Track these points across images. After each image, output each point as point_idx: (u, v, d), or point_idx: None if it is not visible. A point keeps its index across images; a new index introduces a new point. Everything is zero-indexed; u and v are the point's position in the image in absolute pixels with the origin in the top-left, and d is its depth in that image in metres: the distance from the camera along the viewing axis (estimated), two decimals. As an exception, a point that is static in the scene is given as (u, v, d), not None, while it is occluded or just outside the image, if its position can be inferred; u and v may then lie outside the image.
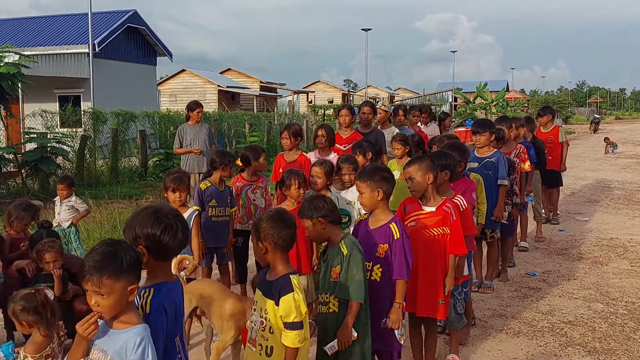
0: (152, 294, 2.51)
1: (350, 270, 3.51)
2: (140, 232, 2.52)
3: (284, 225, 3.13)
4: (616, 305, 6.01)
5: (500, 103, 39.81)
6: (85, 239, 8.62)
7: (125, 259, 2.34)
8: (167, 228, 2.54)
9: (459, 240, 4.11)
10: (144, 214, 2.59)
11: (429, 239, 4.12)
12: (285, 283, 3.05)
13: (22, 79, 12.57)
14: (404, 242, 3.74)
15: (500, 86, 56.53)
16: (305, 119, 28.83)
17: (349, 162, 5.34)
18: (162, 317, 2.49)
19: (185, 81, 45.29)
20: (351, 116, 7.29)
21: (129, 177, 15.43)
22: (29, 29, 26.95)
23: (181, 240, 2.59)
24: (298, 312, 3.01)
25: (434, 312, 4.18)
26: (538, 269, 7.26)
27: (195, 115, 9.38)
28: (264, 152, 6.14)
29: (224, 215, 5.73)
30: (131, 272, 2.35)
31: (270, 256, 3.13)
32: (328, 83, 72.55)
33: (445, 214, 4.10)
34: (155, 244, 2.52)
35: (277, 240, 3.09)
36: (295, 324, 3.00)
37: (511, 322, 5.56)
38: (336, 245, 3.59)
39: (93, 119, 15.85)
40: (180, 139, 9.40)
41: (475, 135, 6.24)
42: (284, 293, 3.02)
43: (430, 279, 4.13)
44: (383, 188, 3.81)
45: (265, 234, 3.09)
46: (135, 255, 2.42)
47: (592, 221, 10.10)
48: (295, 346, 3.02)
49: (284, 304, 3.01)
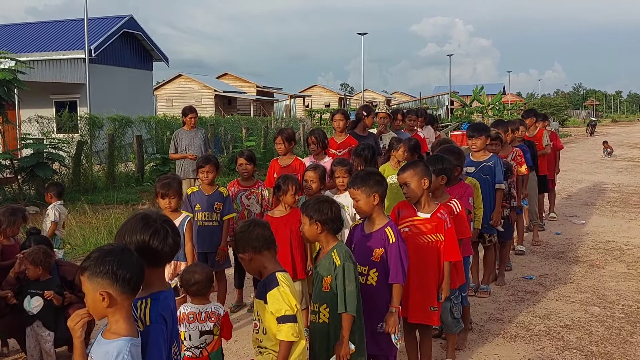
0: (149, 304, 2.48)
1: (342, 281, 3.43)
2: (129, 239, 2.51)
3: (254, 226, 3.20)
4: (613, 309, 6.00)
5: (496, 106, 39.93)
6: (81, 244, 8.61)
7: (111, 263, 2.28)
8: (155, 233, 2.53)
9: (453, 247, 4.09)
10: (132, 221, 2.58)
11: (422, 245, 4.11)
12: (271, 279, 3.10)
13: (18, 84, 12.57)
14: (399, 246, 3.73)
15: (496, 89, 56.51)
16: (302, 123, 28.83)
17: (342, 165, 5.35)
18: (162, 327, 2.46)
19: (182, 86, 45.31)
20: (345, 121, 7.28)
21: (125, 183, 15.41)
22: (25, 35, 26.92)
23: (171, 245, 2.57)
24: (287, 305, 3.02)
25: (426, 319, 4.17)
26: (535, 272, 7.26)
27: (189, 121, 9.39)
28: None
29: (211, 220, 5.66)
30: (107, 277, 2.27)
31: (257, 262, 3.18)
32: (325, 87, 72.55)
33: (440, 221, 4.09)
34: (145, 250, 2.50)
35: (253, 243, 3.14)
36: (287, 317, 3.01)
37: (508, 326, 5.55)
38: (328, 255, 3.54)
39: (89, 124, 15.84)
40: (176, 144, 9.40)
41: (471, 139, 6.23)
42: (269, 289, 3.06)
43: (423, 285, 4.12)
44: (378, 192, 3.80)
45: (241, 243, 3.17)
46: (131, 265, 2.33)
47: (589, 224, 10.11)
48: (290, 339, 3.03)
49: (271, 299, 3.04)
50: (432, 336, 4.63)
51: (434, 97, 63.41)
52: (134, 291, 2.34)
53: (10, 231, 5.03)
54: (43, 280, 4.62)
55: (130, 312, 2.36)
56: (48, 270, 4.64)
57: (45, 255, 4.63)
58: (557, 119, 47.91)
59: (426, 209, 4.14)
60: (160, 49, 30.08)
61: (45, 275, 4.63)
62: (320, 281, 3.53)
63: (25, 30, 27.98)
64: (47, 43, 25.81)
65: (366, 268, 3.79)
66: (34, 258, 4.56)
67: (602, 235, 9.24)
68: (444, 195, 4.63)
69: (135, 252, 2.39)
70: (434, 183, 4.45)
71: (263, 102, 49.02)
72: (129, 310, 2.35)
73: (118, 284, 2.27)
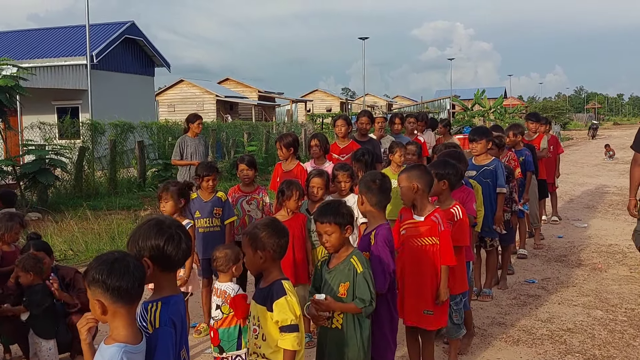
0: (159, 307, 2.50)
1: (361, 287, 3.43)
2: (143, 244, 2.53)
3: (282, 234, 3.17)
4: (615, 312, 5.99)
5: (498, 110, 39.95)
6: (83, 250, 8.62)
7: (101, 272, 2.30)
8: (170, 238, 2.55)
9: (447, 250, 4.07)
10: (146, 226, 2.60)
11: (417, 248, 4.11)
12: (278, 288, 3.07)
13: (20, 91, 12.61)
14: (379, 250, 3.68)
15: (498, 93, 56.60)
16: (303, 128, 28.87)
17: (344, 170, 5.40)
18: (170, 331, 2.47)
19: (184, 91, 45.41)
20: (347, 126, 7.31)
21: (127, 188, 15.43)
22: (27, 41, 27.02)
23: (184, 250, 2.60)
24: (293, 314, 3.02)
25: (421, 322, 4.16)
26: (537, 276, 7.25)
27: (196, 127, 9.40)
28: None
29: (212, 225, 5.69)
30: (98, 285, 2.30)
31: (267, 264, 3.14)
32: (326, 92, 72.64)
33: (433, 224, 4.08)
34: (159, 255, 2.52)
35: (276, 249, 3.11)
36: (292, 327, 3.02)
37: (510, 330, 5.55)
38: (346, 260, 3.51)
39: (91, 130, 15.89)
40: (181, 150, 9.40)
41: (472, 143, 6.24)
42: (277, 297, 3.04)
43: (417, 288, 4.12)
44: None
45: (265, 243, 3.10)
46: (133, 272, 2.35)
47: (591, 227, 10.10)
48: (295, 349, 3.03)
49: (278, 308, 3.02)
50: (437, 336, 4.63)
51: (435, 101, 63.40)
52: (129, 300, 2.33)
53: (8, 237, 5.01)
54: (33, 285, 4.58)
55: (130, 318, 2.36)
56: (40, 276, 4.61)
57: (35, 262, 4.58)
58: (559, 122, 47.89)
59: (421, 212, 4.14)
60: (161, 54, 30.16)
61: (36, 281, 4.58)
62: (335, 286, 3.49)
63: (27, 36, 28.10)
64: (48, 49, 25.91)
65: None
66: (24, 265, 4.54)
67: (604, 239, 9.23)
68: (449, 200, 4.63)
69: (135, 261, 2.40)
70: (436, 187, 4.47)
71: (265, 107, 49.10)
72: (128, 317, 2.35)
73: (108, 293, 2.29)
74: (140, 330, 2.42)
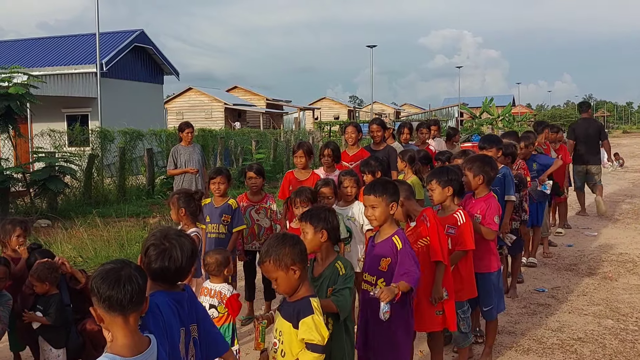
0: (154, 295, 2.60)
1: (343, 290, 3.41)
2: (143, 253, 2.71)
3: (297, 240, 3.13)
4: (626, 321, 5.95)
5: (506, 118, 39.87)
6: (93, 257, 8.64)
7: (95, 281, 2.31)
8: (161, 253, 2.66)
9: (434, 247, 4.08)
10: (148, 237, 2.77)
11: (418, 252, 4.09)
12: (305, 305, 2.99)
13: (30, 99, 12.70)
14: (408, 250, 3.71)
15: (506, 101, 56.50)
16: (311, 136, 28.92)
17: (350, 175, 5.45)
18: (151, 316, 2.52)
19: (192, 99, 45.62)
20: (357, 133, 7.32)
21: (136, 196, 15.47)
22: (37, 50, 27.23)
23: (175, 260, 2.66)
24: (320, 335, 2.94)
25: (432, 326, 4.21)
26: (547, 285, 7.21)
27: (186, 136, 9.43)
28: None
29: (217, 232, 5.72)
30: (93, 294, 2.30)
31: (299, 280, 3.04)
32: (334, 99, 72.84)
33: (422, 224, 4.14)
34: (157, 270, 2.65)
35: (302, 257, 3.05)
36: (316, 347, 2.94)
37: (520, 339, 5.51)
38: (331, 266, 3.49)
39: (100, 137, 15.95)
40: (175, 160, 9.42)
41: (482, 150, 6.23)
42: (304, 315, 2.96)
43: (425, 293, 4.14)
44: (396, 201, 3.83)
45: (293, 256, 3.00)
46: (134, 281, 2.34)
47: (601, 236, 10.04)
48: None
49: (304, 327, 2.95)
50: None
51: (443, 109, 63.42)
52: (121, 310, 2.28)
53: (12, 241, 4.96)
54: (48, 295, 4.56)
55: (129, 328, 2.31)
56: (55, 284, 4.61)
57: (50, 271, 4.56)
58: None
59: (414, 218, 4.23)
60: (170, 62, 30.31)
61: (52, 290, 4.57)
62: (324, 291, 3.47)
63: (37, 45, 28.31)
64: (58, 58, 26.08)
65: (374, 278, 3.78)
66: (39, 275, 4.51)
67: (614, 247, 9.17)
68: (452, 206, 4.62)
69: (132, 271, 2.34)
70: (441, 195, 4.52)
71: (272, 114, 49.23)
72: (126, 327, 2.31)
73: (101, 302, 2.29)
74: (148, 337, 2.40)
